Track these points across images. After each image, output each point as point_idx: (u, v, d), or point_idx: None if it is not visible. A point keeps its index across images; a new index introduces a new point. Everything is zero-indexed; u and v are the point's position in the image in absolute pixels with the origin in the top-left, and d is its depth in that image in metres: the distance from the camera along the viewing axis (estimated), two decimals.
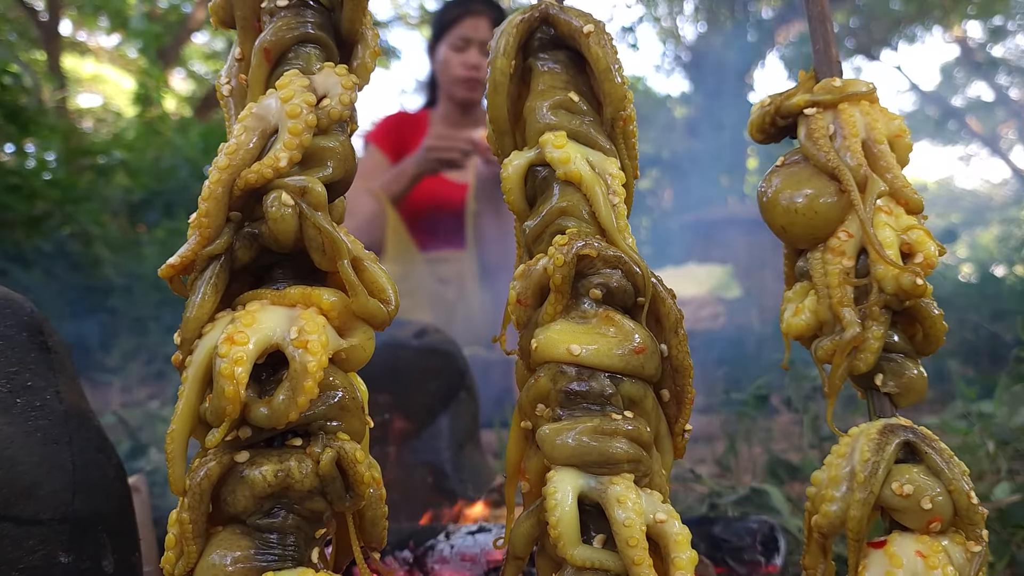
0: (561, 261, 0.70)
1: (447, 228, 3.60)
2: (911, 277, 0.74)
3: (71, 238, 4.72)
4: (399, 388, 1.42)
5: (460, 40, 3.67)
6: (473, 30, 3.72)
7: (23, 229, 4.50)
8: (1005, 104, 11.77)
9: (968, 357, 3.28)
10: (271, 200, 0.64)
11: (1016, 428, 2.23)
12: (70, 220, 4.80)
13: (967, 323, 3.41)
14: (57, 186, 4.84)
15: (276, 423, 0.62)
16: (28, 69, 8.92)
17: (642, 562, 0.64)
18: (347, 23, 0.74)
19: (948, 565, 0.71)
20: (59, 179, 4.96)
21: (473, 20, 3.79)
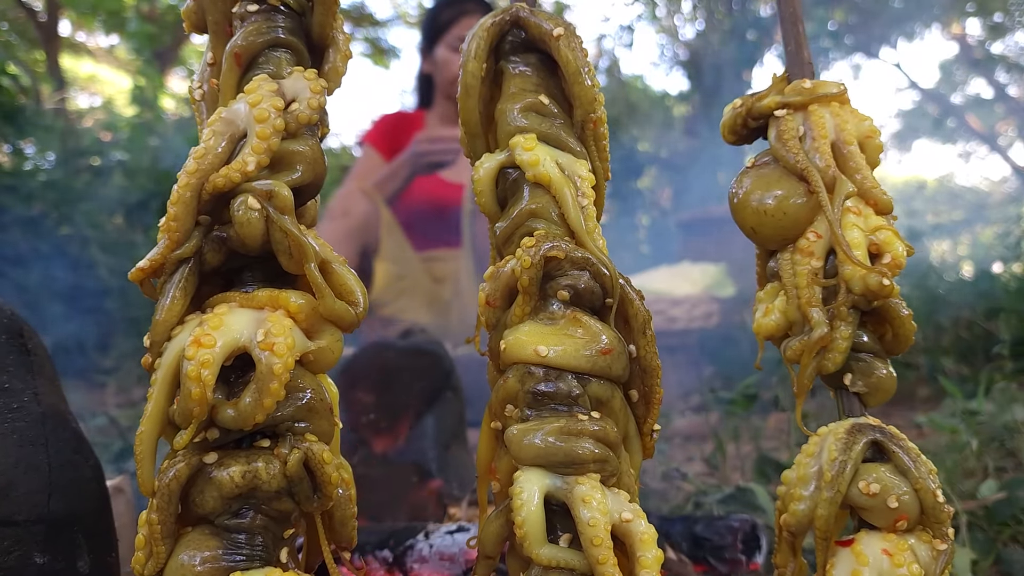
0: (528, 263, 0.70)
1: (443, 227, 3.61)
2: (878, 278, 0.75)
3: (68, 239, 4.73)
4: (384, 388, 1.43)
5: (458, 40, 3.68)
6: (470, 30, 3.73)
7: (20, 230, 4.51)
8: (1004, 101, 11.76)
9: (963, 355, 3.28)
10: (238, 204, 0.65)
11: (1003, 425, 2.24)
12: (67, 221, 4.81)
13: (961, 320, 3.41)
14: (54, 187, 4.85)
15: (243, 424, 0.63)
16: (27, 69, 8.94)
17: (606, 561, 0.64)
18: (318, 27, 0.75)
19: (914, 563, 0.72)
20: (56, 180, 4.97)
21: (469, 20, 3.80)
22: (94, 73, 11.62)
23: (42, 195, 4.82)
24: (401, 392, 1.43)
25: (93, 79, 11.59)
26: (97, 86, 11.56)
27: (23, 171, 4.96)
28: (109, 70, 11.54)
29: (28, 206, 4.76)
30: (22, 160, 5.19)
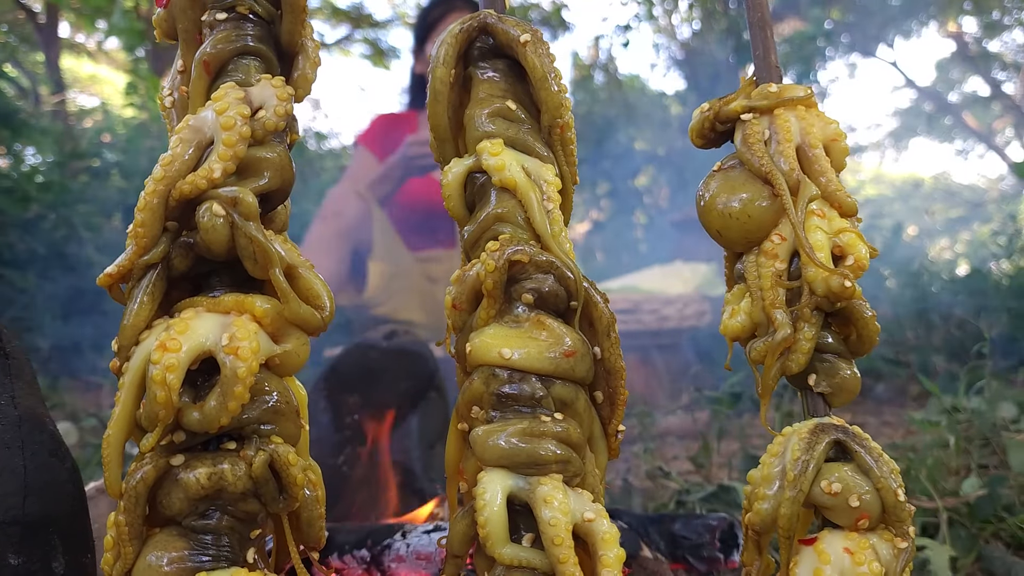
0: (492, 267, 0.71)
1: (437, 227, 3.62)
2: (840, 279, 0.76)
3: (65, 240, 4.74)
4: (369, 389, 1.44)
5: None
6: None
7: (17, 232, 4.52)
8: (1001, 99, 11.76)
9: (954, 353, 3.29)
10: (203, 210, 0.66)
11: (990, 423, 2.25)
12: (64, 223, 4.82)
13: (953, 318, 3.43)
14: (50, 189, 4.86)
15: (208, 427, 0.64)
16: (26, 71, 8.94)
17: (567, 560, 0.65)
18: (286, 35, 0.76)
19: (874, 561, 0.73)
20: (53, 181, 4.98)
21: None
22: (94, 74, 11.64)
23: (39, 197, 4.83)
24: (385, 392, 1.44)
25: (94, 80, 11.60)
26: (97, 87, 11.57)
27: (20, 173, 4.97)
28: (109, 70, 11.55)
29: (25, 208, 4.77)
30: (19, 162, 5.20)
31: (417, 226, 3.52)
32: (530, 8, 13.84)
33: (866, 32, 11.54)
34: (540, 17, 13.74)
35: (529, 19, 12.02)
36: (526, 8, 13.83)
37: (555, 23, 13.12)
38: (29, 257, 4.55)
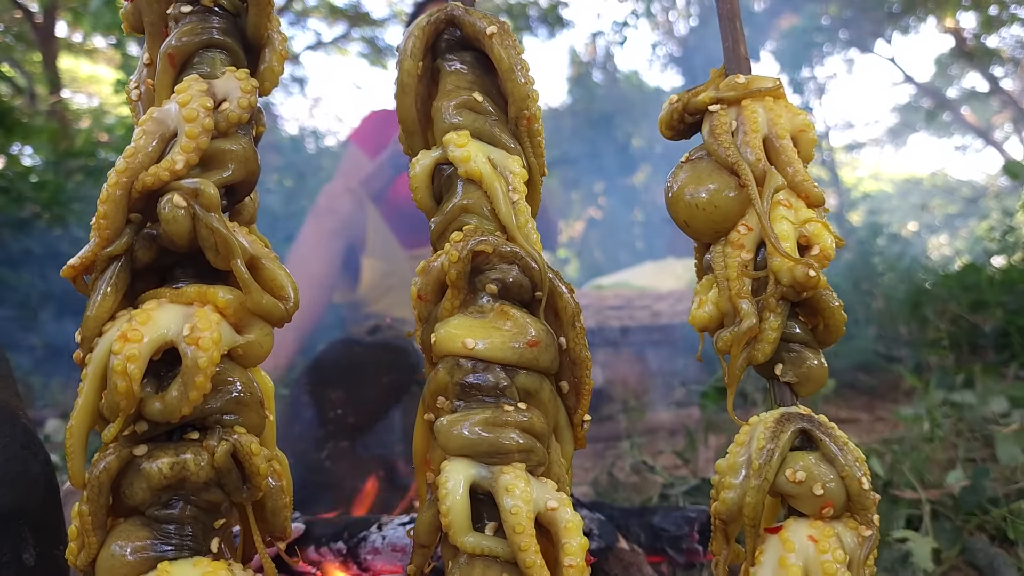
0: (456, 257, 0.72)
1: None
2: (804, 269, 0.76)
3: (59, 239, 4.74)
4: (352, 383, 1.44)
5: None
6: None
7: (11, 230, 4.52)
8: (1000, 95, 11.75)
9: (947, 348, 3.29)
10: (164, 202, 0.66)
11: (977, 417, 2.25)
12: (59, 222, 4.82)
13: (947, 313, 3.42)
14: (45, 188, 4.86)
15: (170, 417, 0.64)
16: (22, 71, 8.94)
17: (528, 548, 0.66)
18: (252, 28, 0.76)
19: (838, 549, 0.73)
20: (47, 181, 4.98)
21: None
22: (93, 74, 11.63)
23: (34, 196, 4.83)
24: (368, 387, 1.44)
25: (92, 80, 11.60)
26: (95, 87, 11.57)
27: (15, 172, 4.97)
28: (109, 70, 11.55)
29: (20, 207, 4.77)
30: (14, 161, 5.20)
31: (410, 223, 3.53)
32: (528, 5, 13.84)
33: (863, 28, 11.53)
34: (538, 14, 13.74)
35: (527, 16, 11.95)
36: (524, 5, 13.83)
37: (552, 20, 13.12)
38: (23, 256, 4.55)
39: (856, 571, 0.73)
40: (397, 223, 3.51)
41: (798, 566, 0.73)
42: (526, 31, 14.21)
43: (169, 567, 0.63)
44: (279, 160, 8.63)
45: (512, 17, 13.77)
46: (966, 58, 11.40)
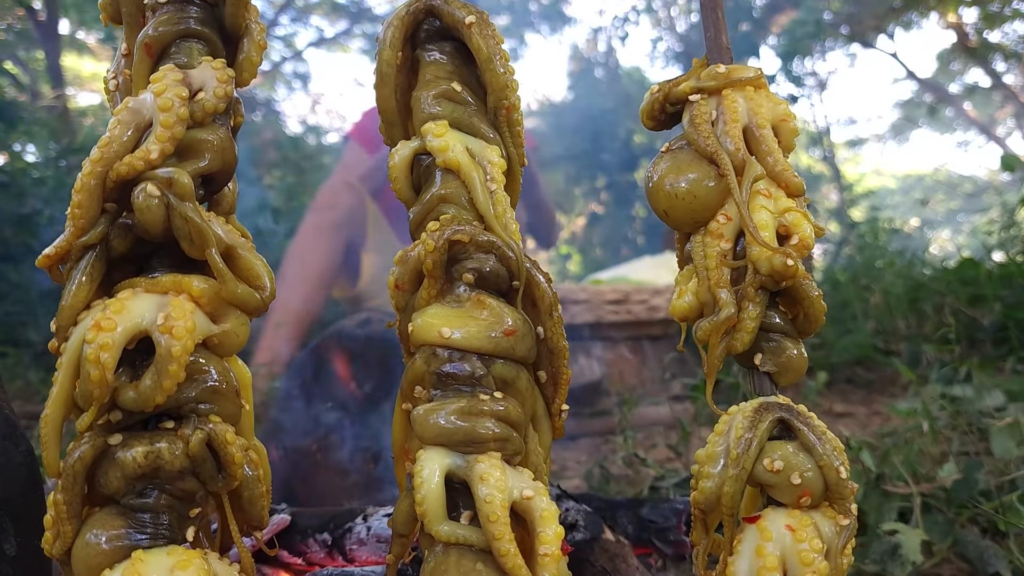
0: (432, 247, 0.72)
1: None
2: (782, 258, 0.76)
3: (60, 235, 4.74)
4: (343, 376, 1.44)
5: None
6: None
7: (11, 226, 4.53)
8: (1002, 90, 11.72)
9: (945, 342, 3.29)
10: (138, 191, 0.66)
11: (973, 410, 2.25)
12: (59, 218, 4.83)
13: (945, 308, 3.41)
14: (45, 184, 4.87)
15: (144, 406, 0.64)
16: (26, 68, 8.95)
17: (502, 537, 0.66)
18: (230, 18, 0.76)
19: (816, 538, 0.73)
20: (48, 177, 4.99)
21: None
22: (96, 72, 11.65)
23: (34, 191, 4.84)
24: (359, 379, 1.45)
25: (95, 77, 11.61)
26: (98, 84, 11.58)
27: (14, 168, 4.98)
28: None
29: (20, 202, 4.77)
30: (15, 157, 5.21)
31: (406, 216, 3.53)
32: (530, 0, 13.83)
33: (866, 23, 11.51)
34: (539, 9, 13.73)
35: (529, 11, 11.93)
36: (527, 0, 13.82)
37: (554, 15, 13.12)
38: (24, 252, 4.55)
39: (834, 560, 0.73)
40: (397, 218, 3.51)
41: (775, 555, 0.73)
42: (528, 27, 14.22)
43: (143, 555, 0.63)
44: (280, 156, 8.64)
45: (514, 13, 13.77)
46: (968, 53, 11.37)
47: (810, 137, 10.32)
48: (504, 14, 13.85)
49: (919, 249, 5.39)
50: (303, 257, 3.14)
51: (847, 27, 11.71)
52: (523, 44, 14.53)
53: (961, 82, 12.86)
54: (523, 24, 13.88)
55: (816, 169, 11.30)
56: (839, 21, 11.41)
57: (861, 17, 11.42)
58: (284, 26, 12.40)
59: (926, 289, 3.53)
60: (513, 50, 14.72)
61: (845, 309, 3.61)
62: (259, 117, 10.49)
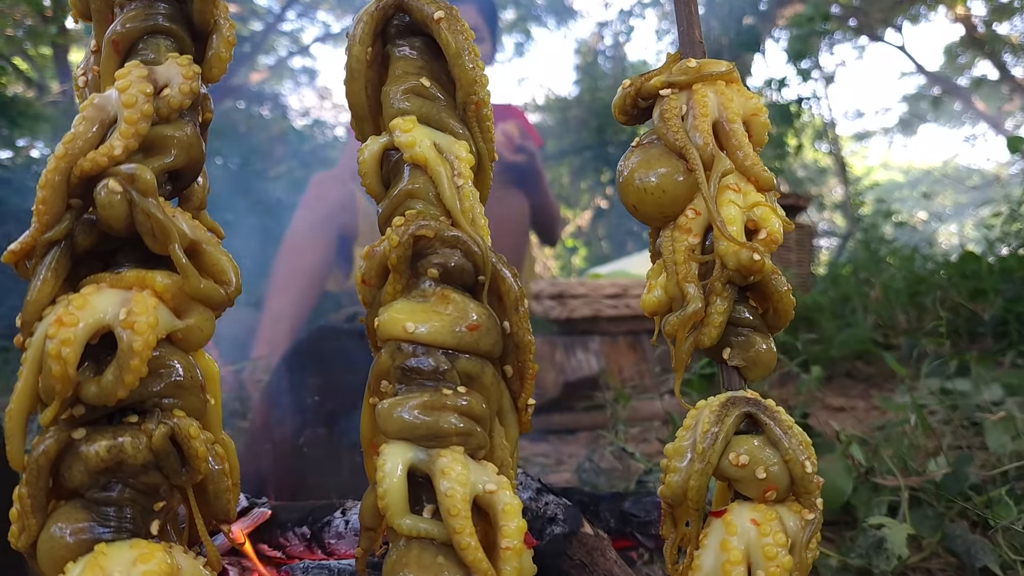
0: (396, 242, 0.72)
1: None
2: (749, 253, 0.76)
3: None
4: (328, 370, 1.45)
5: None
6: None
7: (14, 222, 4.55)
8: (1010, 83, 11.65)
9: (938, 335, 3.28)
10: (100, 187, 0.66)
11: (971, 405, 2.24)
12: None
13: (945, 301, 3.41)
14: None
15: (106, 400, 0.65)
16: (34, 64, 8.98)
17: (462, 530, 0.66)
18: (198, 14, 0.77)
19: (780, 532, 0.73)
20: None
21: (459, 7, 3.82)
22: None
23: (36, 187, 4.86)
24: (345, 374, 1.45)
25: None
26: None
27: (18, 164, 5.00)
28: None
29: (24, 198, 4.80)
30: (18, 153, 5.23)
31: None
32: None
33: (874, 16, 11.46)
34: (546, 3, 13.72)
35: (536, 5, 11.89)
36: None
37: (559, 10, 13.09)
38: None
39: (798, 554, 0.73)
40: None
41: (740, 549, 0.73)
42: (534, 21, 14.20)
43: (106, 549, 0.64)
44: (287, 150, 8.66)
45: (520, 7, 13.76)
46: (976, 46, 11.31)
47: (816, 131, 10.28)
48: (510, 8, 13.85)
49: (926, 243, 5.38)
50: (296, 251, 3.15)
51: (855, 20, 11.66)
52: (529, 39, 14.53)
53: (969, 75, 12.79)
54: (529, 18, 13.87)
55: (823, 163, 11.27)
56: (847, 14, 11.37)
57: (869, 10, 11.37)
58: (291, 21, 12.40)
59: (927, 283, 3.53)
60: (519, 45, 14.72)
61: (846, 303, 3.61)
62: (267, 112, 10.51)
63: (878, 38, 12.10)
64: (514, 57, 14.12)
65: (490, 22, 3.90)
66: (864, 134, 14.98)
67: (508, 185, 3.60)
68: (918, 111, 13.95)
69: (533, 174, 3.63)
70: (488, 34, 3.88)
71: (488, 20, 3.88)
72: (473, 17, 3.81)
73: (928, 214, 11.53)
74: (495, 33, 3.97)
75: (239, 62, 11.00)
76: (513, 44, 14.23)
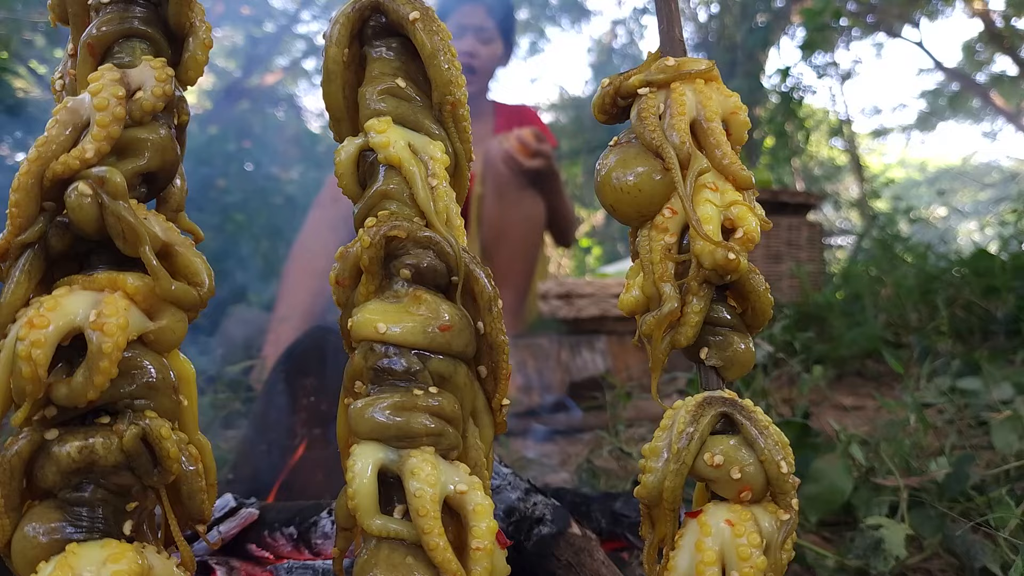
0: (368, 243, 0.72)
1: None
2: (724, 252, 0.76)
3: None
4: (325, 371, 1.46)
5: (455, 27, 3.74)
6: (468, 17, 3.78)
7: None
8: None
9: (958, 334, 3.25)
10: (71, 190, 0.67)
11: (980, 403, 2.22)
12: None
13: (958, 299, 3.37)
14: None
15: (76, 401, 0.65)
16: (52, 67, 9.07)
17: (431, 530, 0.66)
18: (173, 17, 0.77)
19: (754, 532, 0.73)
20: None
21: (469, 7, 3.84)
22: None
23: None
24: (341, 374, 1.45)
25: None
26: None
27: None
28: None
29: None
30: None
31: None
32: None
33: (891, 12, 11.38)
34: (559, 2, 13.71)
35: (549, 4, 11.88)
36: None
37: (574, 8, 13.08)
38: None
39: (773, 555, 0.73)
40: None
41: (714, 550, 0.73)
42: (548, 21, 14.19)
43: (77, 548, 0.64)
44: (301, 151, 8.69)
45: (533, 6, 13.76)
46: (995, 41, 11.20)
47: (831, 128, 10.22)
48: (524, 8, 13.85)
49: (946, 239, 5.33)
50: (308, 252, 3.17)
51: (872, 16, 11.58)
52: (543, 38, 14.53)
53: (988, 71, 12.66)
54: (543, 18, 13.87)
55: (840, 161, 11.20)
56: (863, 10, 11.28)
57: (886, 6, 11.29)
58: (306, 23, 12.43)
59: (939, 281, 3.49)
60: (533, 44, 14.72)
61: (857, 302, 3.58)
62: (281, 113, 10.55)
63: (896, 34, 12.01)
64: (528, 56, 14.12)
65: (503, 23, 3.90)
66: (882, 131, 14.88)
67: (524, 188, 3.60)
68: (936, 107, 13.84)
69: (549, 176, 3.63)
70: (500, 35, 3.88)
71: (500, 21, 3.88)
72: (482, 17, 3.81)
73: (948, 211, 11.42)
74: (509, 34, 3.97)
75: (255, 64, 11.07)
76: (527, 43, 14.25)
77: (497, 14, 3.89)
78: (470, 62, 3.73)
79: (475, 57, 3.75)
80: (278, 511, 1.07)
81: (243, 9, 11.95)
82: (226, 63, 12.36)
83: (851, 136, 10.91)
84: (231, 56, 12.28)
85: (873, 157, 13.97)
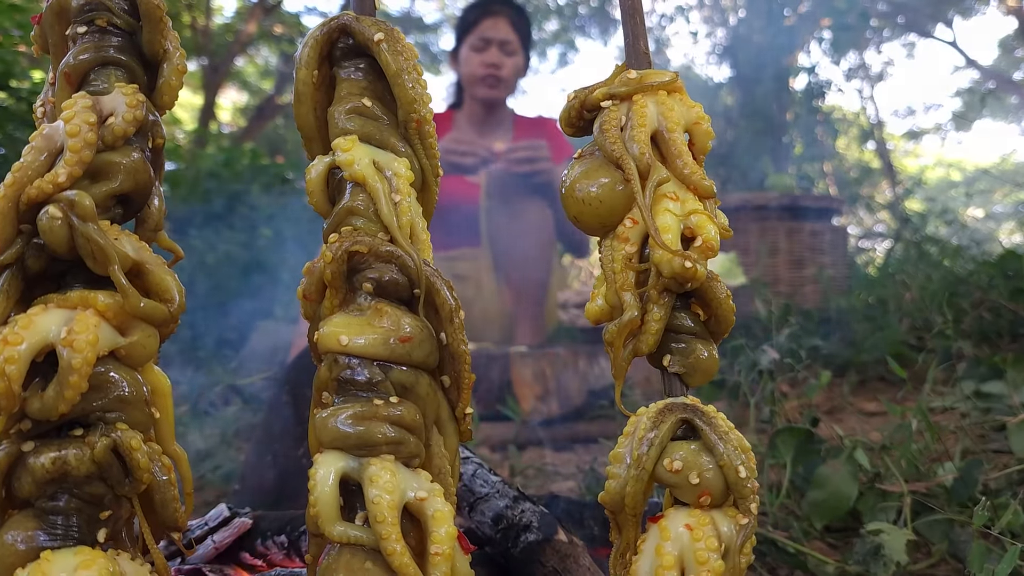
0: (330, 258, 0.74)
1: (463, 226, 3.69)
2: (681, 261, 0.77)
3: None
4: None
5: (480, 40, 3.79)
6: (492, 30, 3.83)
7: None
8: None
9: (984, 337, 3.21)
10: (42, 213, 0.70)
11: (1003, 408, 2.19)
12: None
13: (985, 302, 3.33)
14: None
15: (48, 415, 0.68)
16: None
17: (389, 536, 0.68)
18: (147, 45, 0.80)
19: (713, 537, 0.74)
20: None
21: (492, 20, 3.88)
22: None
23: None
24: None
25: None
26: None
27: None
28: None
29: None
30: None
31: (443, 225, 3.59)
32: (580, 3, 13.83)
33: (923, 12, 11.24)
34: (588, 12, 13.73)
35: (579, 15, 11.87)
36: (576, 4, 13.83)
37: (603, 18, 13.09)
38: None
39: (732, 559, 0.74)
40: (431, 225, 3.56)
41: (673, 554, 0.74)
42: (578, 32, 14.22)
43: (51, 556, 0.67)
44: None
45: (562, 17, 13.80)
46: None
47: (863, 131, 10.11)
48: (553, 19, 13.89)
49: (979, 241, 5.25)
50: None
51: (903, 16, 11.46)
52: (572, 49, 14.56)
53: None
54: (572, 29, 13.90)
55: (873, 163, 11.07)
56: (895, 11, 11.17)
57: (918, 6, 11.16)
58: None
59: (965, 283, 3.45)
60: (563, 55, 14.75)
61: (881, 305, 3.55)
62: None
63: (928, 34, 11.87)
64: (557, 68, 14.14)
65: (523, 36, 3.94)
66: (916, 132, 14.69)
67: (528, 197, 3.63)
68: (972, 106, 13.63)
69: (552, 184, 3.66)
70: (520, 47, 3.92)
71: (521, 33, 3.92)
72: (505, 31, 3.85)
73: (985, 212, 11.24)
74: (527, 47, 4.01)
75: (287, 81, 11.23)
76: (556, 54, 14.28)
77: (517, 27, 3.93)
78: (495, 72, 3.78)
79: (499, 68, 3.79)
80: (270, 520, 1.09)
81: (276, 28, 12.12)
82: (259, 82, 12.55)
83: (882, 138, 10.77)
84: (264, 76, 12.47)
85: (909, 159, 13.79)
